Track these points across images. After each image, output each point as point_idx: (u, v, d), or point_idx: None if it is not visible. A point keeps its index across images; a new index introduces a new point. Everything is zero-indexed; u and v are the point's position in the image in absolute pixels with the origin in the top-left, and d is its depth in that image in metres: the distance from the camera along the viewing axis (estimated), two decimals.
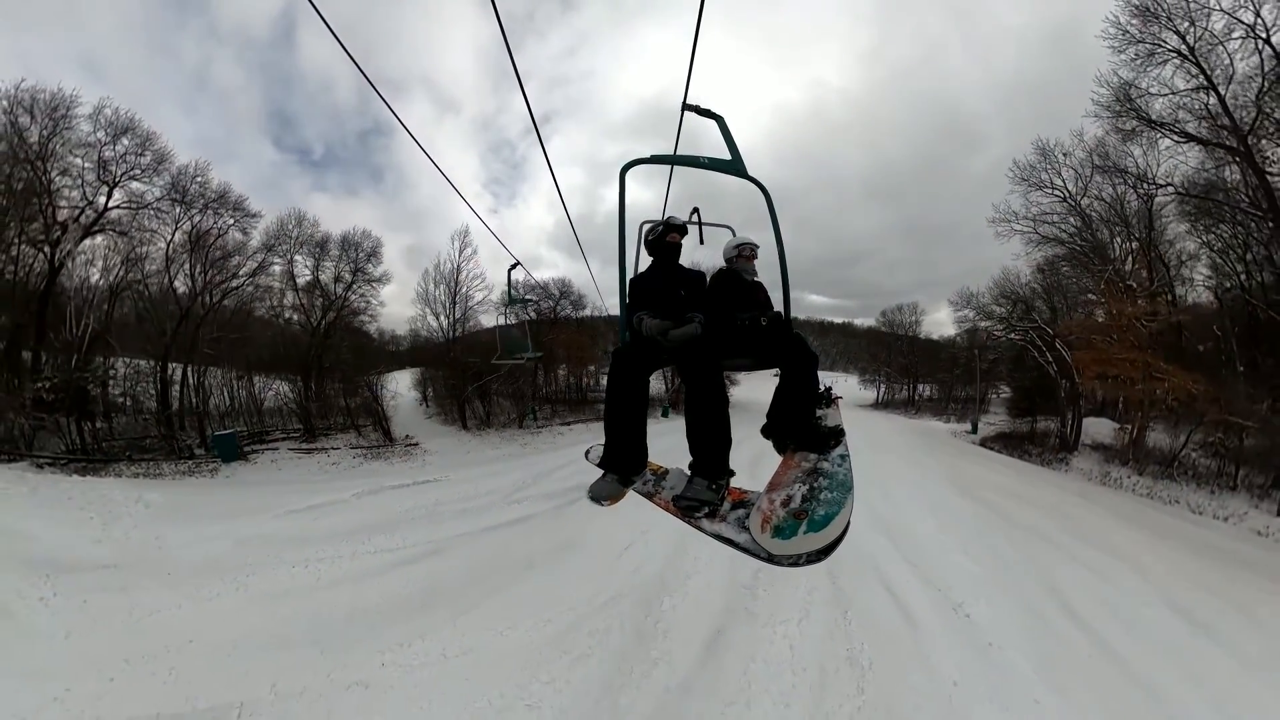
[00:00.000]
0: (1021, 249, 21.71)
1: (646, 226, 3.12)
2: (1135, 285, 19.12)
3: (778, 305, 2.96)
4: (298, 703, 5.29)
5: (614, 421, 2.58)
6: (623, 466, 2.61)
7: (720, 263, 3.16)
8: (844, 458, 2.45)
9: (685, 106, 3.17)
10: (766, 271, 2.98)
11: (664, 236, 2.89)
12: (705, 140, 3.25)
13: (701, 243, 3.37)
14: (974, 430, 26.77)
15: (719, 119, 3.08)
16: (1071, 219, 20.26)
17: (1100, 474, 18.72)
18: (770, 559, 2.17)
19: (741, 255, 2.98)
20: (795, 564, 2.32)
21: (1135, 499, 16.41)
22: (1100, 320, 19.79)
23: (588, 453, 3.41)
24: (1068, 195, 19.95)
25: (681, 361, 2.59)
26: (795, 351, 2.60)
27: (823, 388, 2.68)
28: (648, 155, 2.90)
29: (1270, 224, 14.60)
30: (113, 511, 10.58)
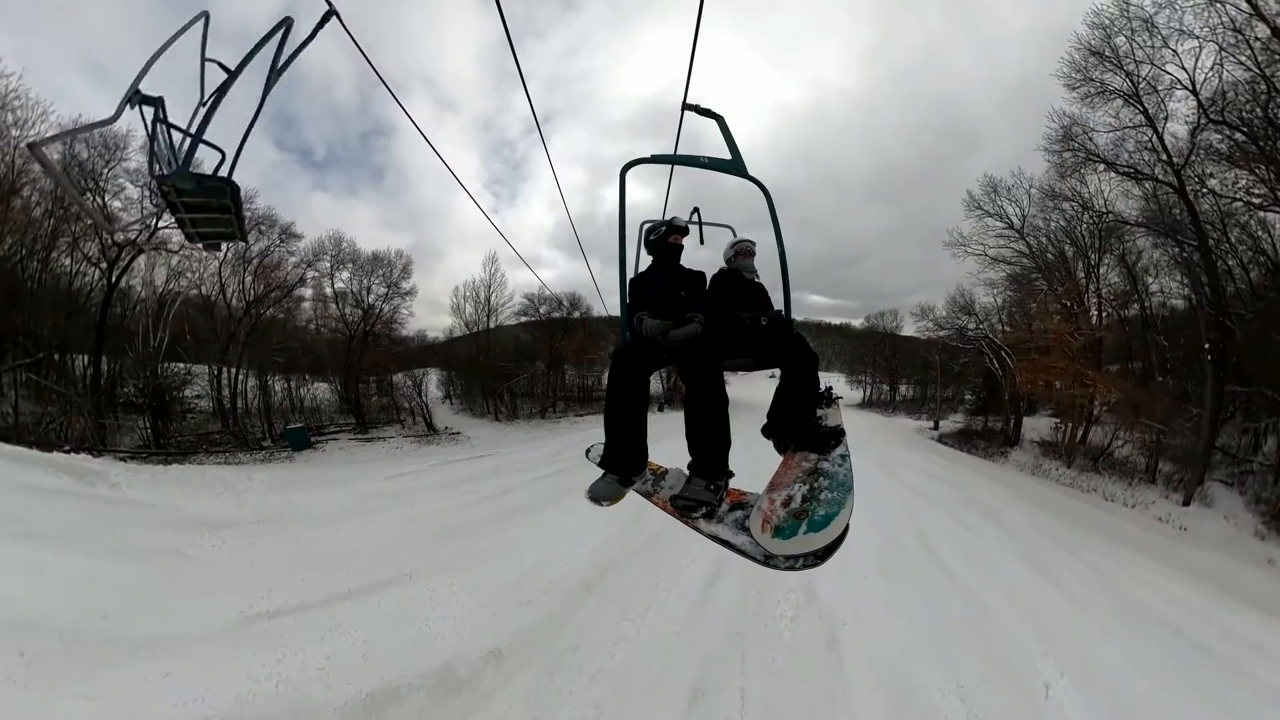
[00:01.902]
0: (976, 268, 22.80)
1: (647, 226, 2.93)
2: (1069, 304, 20.17)
3: (778, 305, 2.78)
4: (446, 568, 7.78)
5: (614, 421, 2.42)
6: (623, 466, 2.45)
7: (720, 263, 2.96)
8: (844, 458, 2.32)
9: (685, 106, 2.96)
10: (767, 272, 2.81)
11: (666, 238, 2.72)
12: (706, 140, 3.13)
13: (702, 243, 3.21)
14: (935, 427, 27.84)
15: (719, 118, 2.89)
16: (1014, 245, 21.37)
17: (1033, 466, 19.54)
18: (768, 560, 2.02)
19: (741, 255, 2.84)
20: (792, 567, 2.19)
21: (1058, 487, 17.34)
22: (1035, 332, 21.18)
23: (588, 452, 3.24)
24: (1013, 224, 21.18)
25: (681, 362, 2.43)
26: (796, 351, 2.46)
27: (823, 388, 2.54)
28: (648, 155, 2.72)
29: (1198, 250, 15.33)
30: (235, 487, 12.32)
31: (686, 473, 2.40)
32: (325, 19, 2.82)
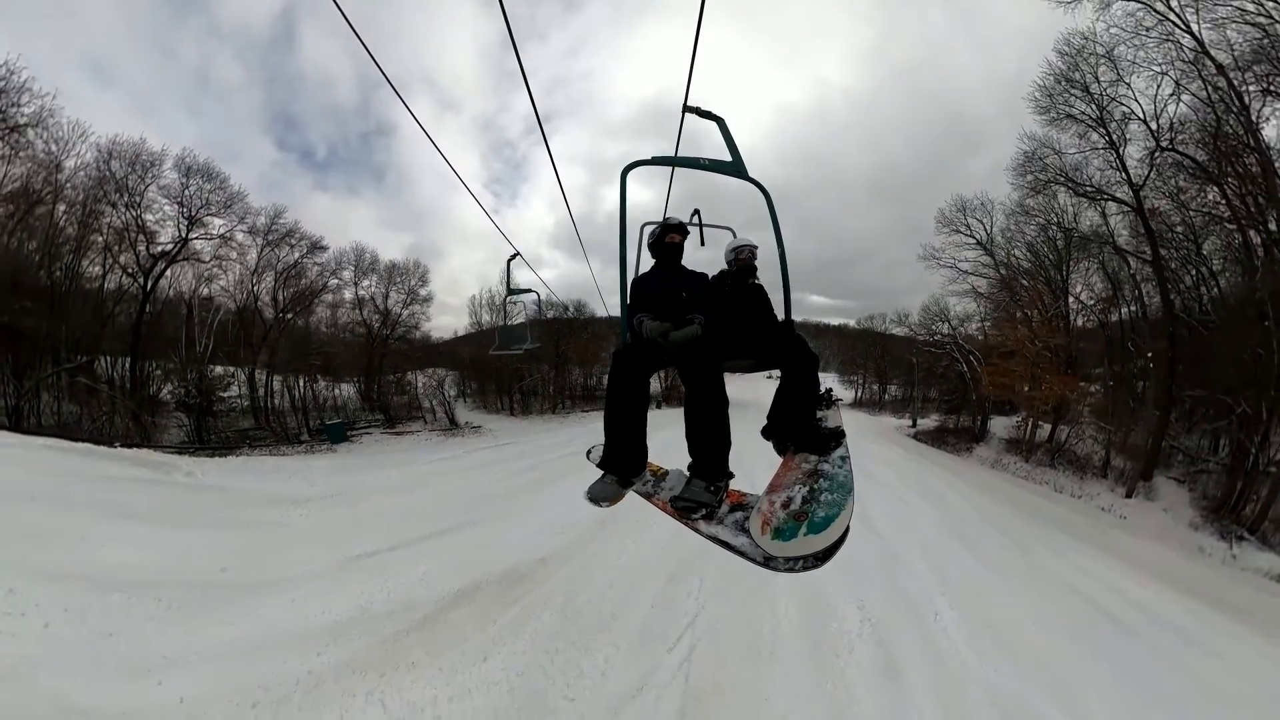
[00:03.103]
0: (948, 278, 23.57)
1: (649, 228, 2.83)
2: (1029, 313, 20.94)
3: (778, 306, 2.69)
4: (499, 517, 9.66)
5: (614, 423, 2.32)
6: (622, 468, 2.35)
7: (722, 264, 2.86)
8: (844, 459, 2.23)
9: (686, 108, 2.83)
10: (767, 272, 2.71)
11: (663, 237, 2.63)
12: (706, 141, 3.06)
13: (703, 244, 3.08)
14: (914, 425, 28.64)
15: (720, 120, 2.77)
16: (982, 259, 22.22)
17: (994, 460, 20.11)
18: (767, 561, 1.94)
19: (741, 257, 2.74)
20: (792, 569, 2.12)
21: (1012, 479, 18.00)
22: (998, 338, 22.19)
23: (589, 453, 3.14)
24: (980, 241, 22.05)
25: (682, 363, 2.34)
26: (796, 353, 2.38)
27: (823, 389, 2.47)
28: (649, 156, 2.61)
29: (1150, 265, 15.94)
30: (298, 473, 13.53)
31: (687, 474, 2.31)
32: None
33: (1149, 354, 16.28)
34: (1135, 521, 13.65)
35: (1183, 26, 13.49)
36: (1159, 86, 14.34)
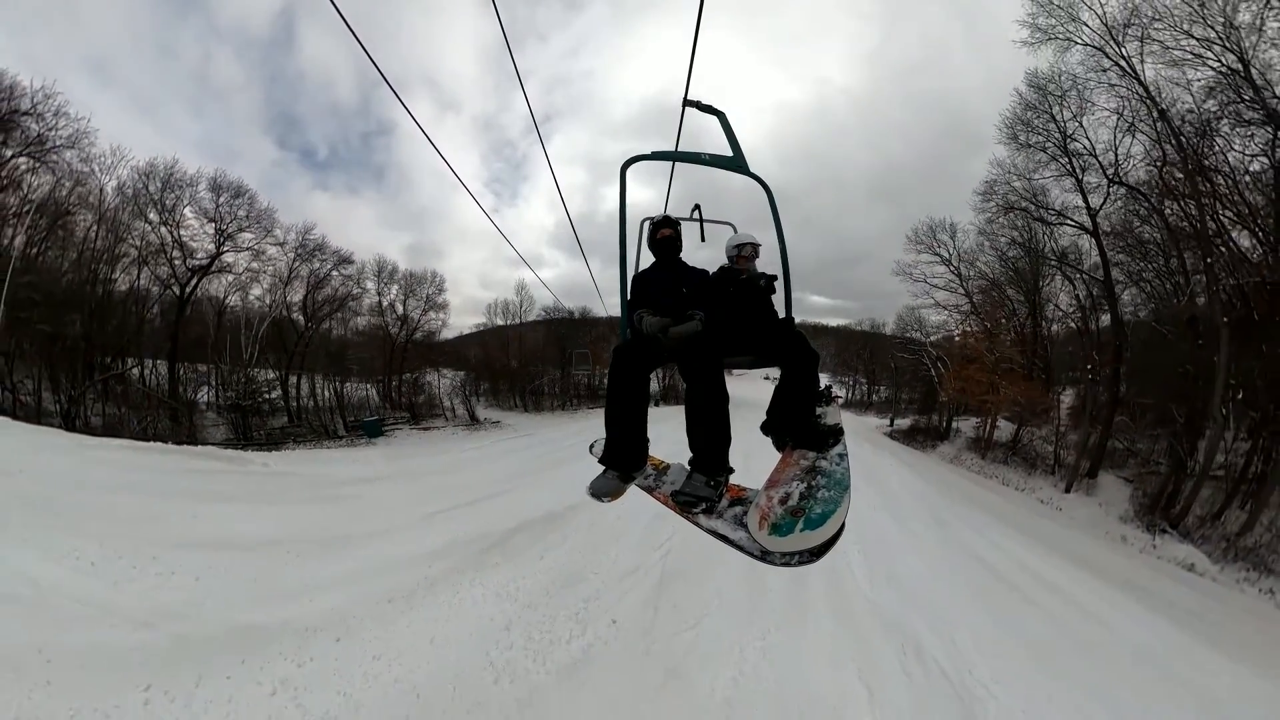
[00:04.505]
0: (917, 292, 24.20)
1: (648, 225, 2.70)
2: (989, 324, 21.76)
3: (779, 303, 2.60)
4: (533, 485, 11.55)
5: (615, 418, 2.24)
6: (623, 463, 2.26)
7: (723, 260, 2.70)
8: (842, 456, 2.17)
9: (686, 102, 2.70)
10: (768, 270, 2.59)
11: (655, 234, 2.54)
12: (707, 138, 2.98)
13: (703, 240, 2.97)
14: (891, 424, 29.43)
15: (720, 115, 2.66)
16: (949, 274, 22.93)
17: (954, 456, 20.61)
18: (764, 556, 1.88)
19: (742, 254, 2.60)
20: (789, 563, 2.05)
21: (964, 472, 18.62)
22: (958, 346, 23.16)
23: (591, 447, 3.05)
24: (945, 259, 22.70)
25: (682, 359, 2.25)
26: (796, 350, 2.29)
27: (822, 386, 2.38)
28: (649, 152, 2.52)
29: (1105, 285, 16.72)
30: (357, 460, 14.96)
31: (687, 468, 2.21)
32: None
33: (1089, 366, 17.19)
34: (1069, 513, 14.13)
35: (1130, 73, 14.31)
36: (1116, 123, 15.11)
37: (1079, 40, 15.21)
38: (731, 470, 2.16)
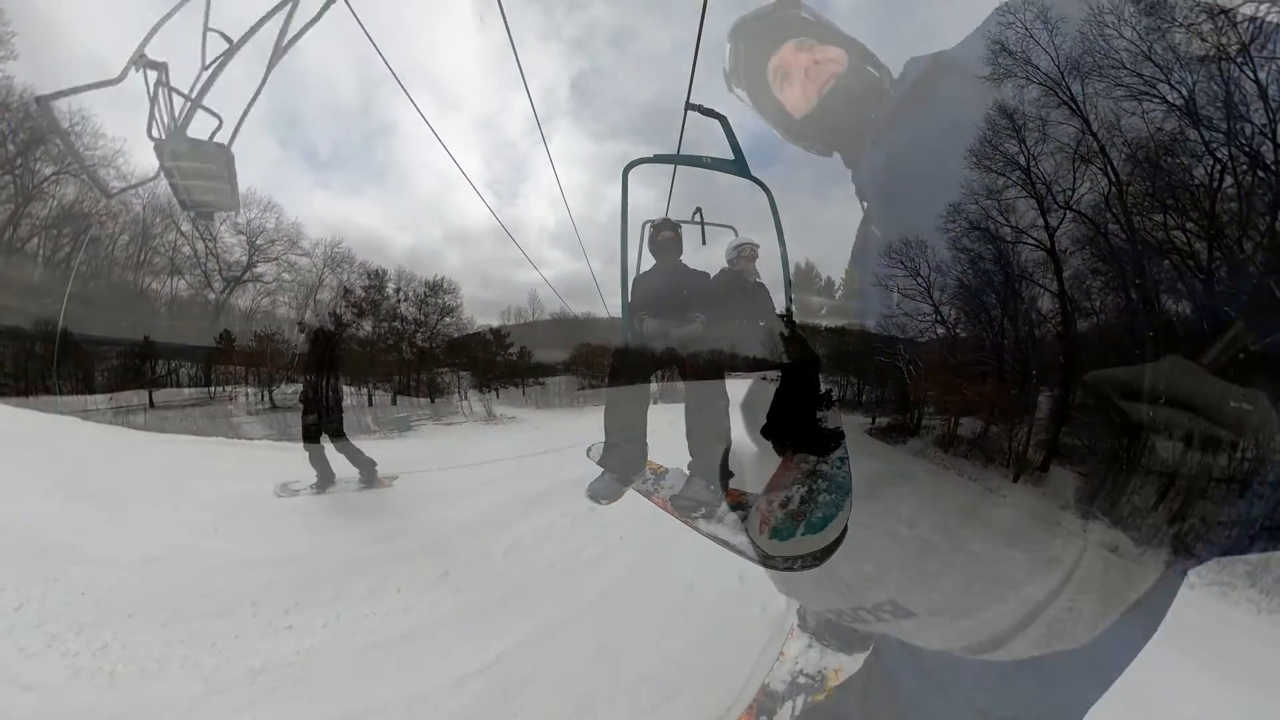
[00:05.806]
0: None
1: (649, 227, 2.63)
2: (952, 329, 24.75)
3: (779, 306, 2.51)
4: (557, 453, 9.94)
5: (614, 421, 2.19)
6: (622, 466, 2.20)
7: (723, 263, 2.66)
8: (843, 460, 2.20)
9: (688, 106, 2.57)
10: (768, 272, 2.54)
11: (654, 237, 2.49)
12: (708, 139, 2.95)
13: (704, 243, 2.87)
14: (873, 421, 33.09)
15: (722, 119, 2.51)
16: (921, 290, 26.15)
17: (920, 450, 23.75)
18: (765, 560, 1.81)
19: (743, 256, 2.54)
20: (790, 568, 2.02)
21: (921, 462, 21.87)
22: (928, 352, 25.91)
23: (589, 450, 2.98)
24: (915, 270, 25.81)
25: (682, 361, 2.20)
26: (797, 353, 2.32)
27: (823, 389, 2.40)
28: (650, 155, 2.42)
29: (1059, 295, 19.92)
30: (409, 444, 15.37)
31: (686, 472, 2.13)
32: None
33: (1032, 369, 18.27)
34: (1011, 500, 15.55)
35: (1079, 112, 15.36)
36: (1073, 153, 16.22)
37: (1034, 80, 16.28)
38: (731, 474, 2.10)
